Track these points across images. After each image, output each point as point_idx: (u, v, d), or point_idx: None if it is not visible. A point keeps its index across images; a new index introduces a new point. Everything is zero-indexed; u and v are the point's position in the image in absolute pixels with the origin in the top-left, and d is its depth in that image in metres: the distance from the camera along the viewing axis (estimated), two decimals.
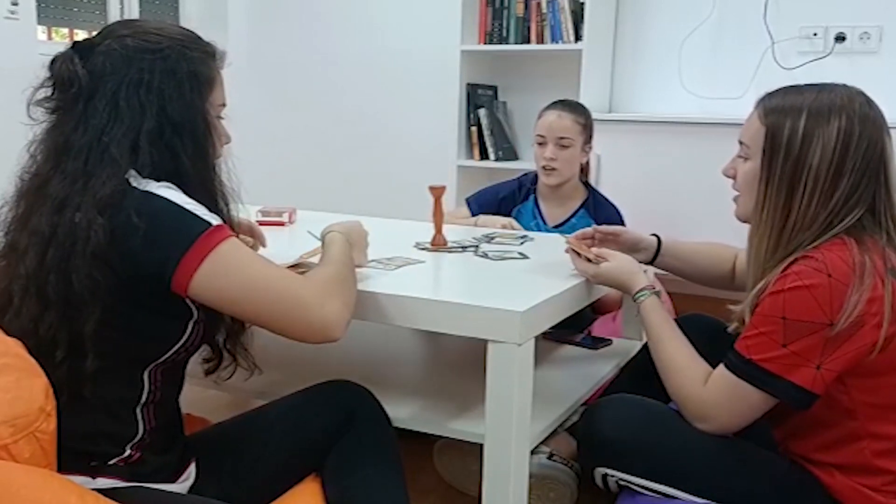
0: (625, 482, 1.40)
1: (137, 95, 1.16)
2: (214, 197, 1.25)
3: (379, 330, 1.47)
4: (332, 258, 1.34)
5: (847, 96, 1.29)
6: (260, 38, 4.03)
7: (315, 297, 1.20)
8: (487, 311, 1.34)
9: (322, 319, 1.19)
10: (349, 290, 1.30)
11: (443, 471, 1.91)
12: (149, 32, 1.20)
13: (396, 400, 1.57)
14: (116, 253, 1.10)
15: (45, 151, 1.19)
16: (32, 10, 3.04)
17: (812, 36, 3.01)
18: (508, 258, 1.78)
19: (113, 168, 1.13)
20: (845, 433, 1.29)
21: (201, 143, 1.22)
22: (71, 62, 1.16)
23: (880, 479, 1.28)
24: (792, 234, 1.29)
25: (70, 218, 1.11)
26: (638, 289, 1.54)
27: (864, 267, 1.21)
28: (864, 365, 1.24)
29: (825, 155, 1.26)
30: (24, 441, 0.96)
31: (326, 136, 4.02)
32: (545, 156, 2.37)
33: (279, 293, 1.17)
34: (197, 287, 1.12)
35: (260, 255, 1.27)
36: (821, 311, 1.21)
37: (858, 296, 1.20)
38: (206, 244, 1.12)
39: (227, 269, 1.13)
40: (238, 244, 1.18)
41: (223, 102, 1.28)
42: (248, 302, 1.16)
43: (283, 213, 2.20)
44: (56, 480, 0.97)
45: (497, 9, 3.38)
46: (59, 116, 1.19)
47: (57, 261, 1.10)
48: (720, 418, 1.33)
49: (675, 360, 1.42)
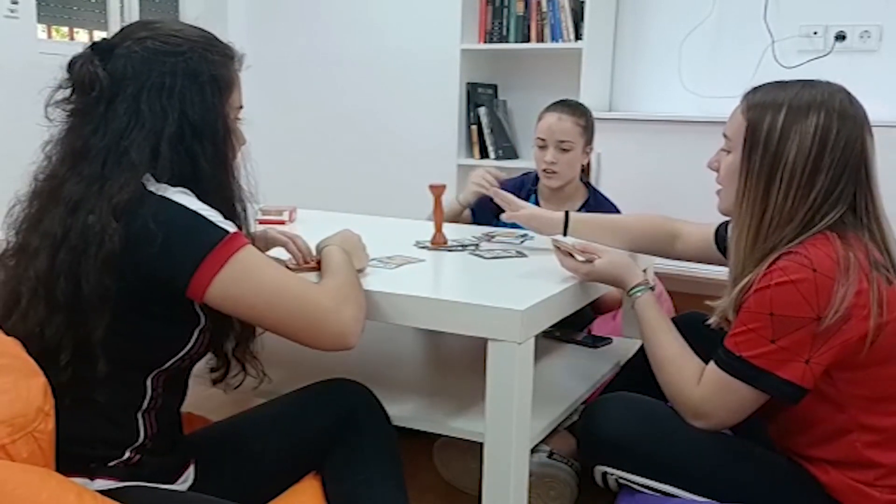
0: (624, 480, 1.40)
1: (159, 99, 1.15)
2: (232, 202, 1.24)
3: (379, 328, 1.47)
4: (336, 268, 1.34)
5: (828, 92, 1.29)
6: (259, 38, 4.03)
7: (333, 303, 1.20)
8: (488, 310, 1.35)
9: (340, 326, 1.19)
10: (361, 297, 1.30)
11: (443, 469, 1.91)
12: (169, 35, 1.19)
13: (396, 398, 1.57)
14: (131, 259, 1.09)
15: (60, 153, 1.18)
16: (32, 8, 3.04)
17: (812, 34, 3.01)
18: (508, 257, 1.78)
19: (131, 173, 1.12)
20: (835, 427, 1.30)
21: (221, 147, 1.21)
22: (91, 64, 1.15)
23: (873, 473, 1.28)
24: (770, 229, 1.29)
25: (84, 221, 1.10)
26: (633, 284, 1.54)
27: (848, 261, 1.22)
28: (852, 358, 1.25)
29: (802, 150, 1.26)
30: (22, 441, 0.96)
31: (326, 135, 4.02)
32: (546, 160, 2.35)
33: (298, 300, 1.17)
34: (214, 294, 1.12)
35: (275, 261, 1.27)
36: (808, 306, 1.22)
37: (845, 289, 1.20)
38: (224, 251, 1.12)
39: (245, 276, 1.13)
40: (254, 252, 1.17)
41: (241, 105, 1.28)
42: (268, 308, 1.16)
43: (284, 211, 2.20)
44: (54, 479, 0.97)
45: (497, 7, 3.38)
46: (78, 118, 1.17)
47: (67, 264, 1.10)
48: (713, 415, 1.34)
49: (670, 358, 1.42)
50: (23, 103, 1.19)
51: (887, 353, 1.25)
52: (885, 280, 1.25)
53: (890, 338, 1.25)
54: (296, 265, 1.55)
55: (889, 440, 1.29)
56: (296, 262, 1.54)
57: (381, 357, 1.89)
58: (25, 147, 1.22)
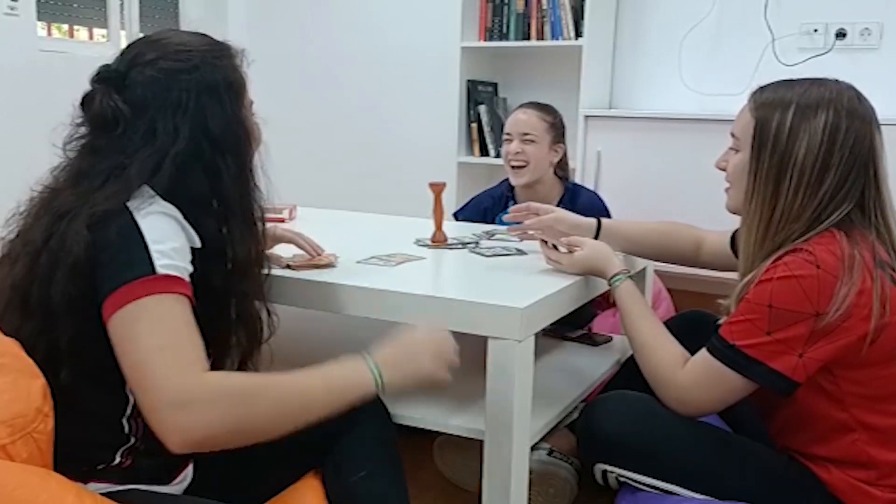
0: (624, 478, 1.40)
1: (174, 118, 1.13)
2: (253, 217, 1.23)
3: (379, 327, 1.46)
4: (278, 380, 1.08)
5: (836, 90, 1.30)
6: (260, 36, 4.02)
7: (179, 400, 0.98)
8: (488, 308, 1.35)
9: (170, 427, 0.98)
10: (234, 412, 1.00)
11: (443, 467, 1.91)
12: (178, 50, 1.17)
13: (396, 396, 1.56)
14: (91, 268, 1.07)
15: (68, 173, 1.17)
16: (32, 6, 3.04)
17: (812, 32, 3.01)
18: (508, 255, 1.78)
19: (122, 185, 1.10)
20: (837, 425, 1.30)
21: (243, 156, 1.20)
22: (110, 98, 1.13)
23: (875, 472, 1.29)
24: (779, 226, 1.30)
25: (64, 228, 1.08)
26: (613, 273, 1.55)
27: (853, 260, 1.22)
28: (852, 357, 1.25)
29: (811, 149, 1.27)
30: (22, 442, 0.96)
31: (326, 134, 4.02)
32: (510, 150, 2.39)
33: (152, 378, 0.99)
34: (111, 327, 1.04)
35: (186, 323, 1.05)
36: (808, 302, 1.22)
37: (848, 288, 1.21)
38: (131, 292, 1.03)
39: (132, 326, 1.02)
40: (167, 305, 1.04)
41: (252, 101, 1.27)
42: (129, 370, 1.03)
43: (284, 209, 2.20)
44: (53, 480, 0.97)
45: (497, 5, 3.38)
46: (96, 154, 1.15)
47: (44, 270, 1.08)
48: (697, 401, 1.34)
49: (651, 343, 1.43)
50: (23, 101, 1.18)
51: (889, 352, 1.25)
52: (890, 279, 1.25)
53: (892, 337, 1.25)
54: (306, 261, 1.55)
55: (891, 440, 1.29)
56: (307, 258, 1.55)
57: None
58: (26, 144, 1.21)
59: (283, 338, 1.25)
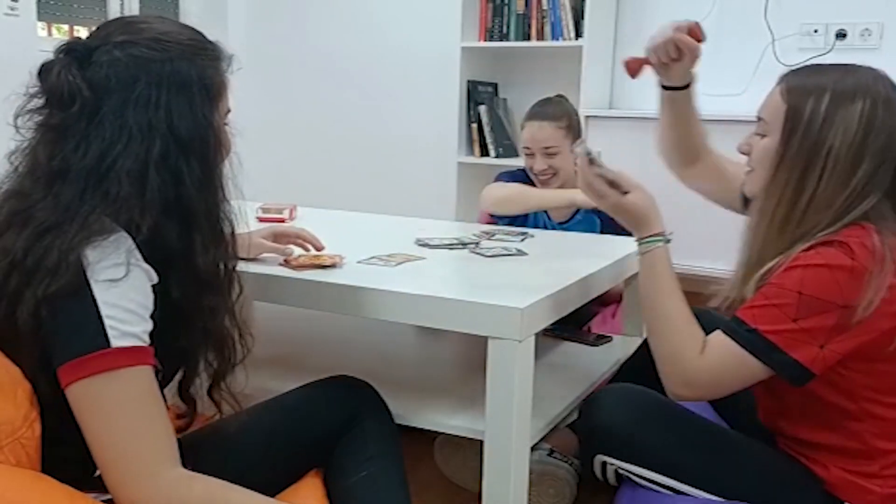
0: (623, 471, 1.40)
1: (146, 113, 1.04)
2: (218, 225, 1.14)
3: (380, 326, 1.47)
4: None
5: (872, 78, 1.29)
6: (260, 36, 4.03)
7: (137, 499, 0.97)
8: (488, 308, 1.35)
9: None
10: None
11: (443, 466, 1.91)
12: (155, 38, 1.07)
13: (397, 396, 1.57)
14: None
15: (32, 166, 1.07)
16: (32, 6, 3.04)
17: (813, 32, 3.01)
18: (509, 255, 1.78)
19: (112, 209, 1.02)
20: (844, 414, 1.28)
21: (208, 162, 1.11)
22: (69, 72, 1.03)
23: (878, 463, 1.28)
24: (805, 214, 1.27)
25: (47, 246, 0.99)
26: (654, 231, 1.42)
27: (884, 253, 1.20)
28: (877, 352, 1.23)
29: (846, 137, 1.24)
30: (10, 448, 0.95)
31: (327, 133, 4.02)
32: (536, 168, 2.41)
33: (107, 460, 0.98)
34: (70, 396, 0.99)
35: (150, 400, 1.01)
36: (839, 292, 1.20)
37: (879, 282, 1.19)
38: (87, 365, 0.97)
39: (93, 403, 0.98)
40: (126, 380, 0.99)
41: (229, 109, 1.18)
42: (95, 445, 0.99)
43: (284, 209, 2.20)
44: (44, 482, 0.96)
45: (497, 5, 3.38)
46: (54, 133, 1.05)
47: (14, 287, 1.00)
48: (706, 385, 1.30)
49: (675, 320, 1.35)
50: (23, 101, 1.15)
51: None
52: None
53: None
54: (309, 259, 1.56)
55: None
56: (311, 257, 1.55)
57: (382, 355, 1.89)
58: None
59: (282, 338, 1.25)
